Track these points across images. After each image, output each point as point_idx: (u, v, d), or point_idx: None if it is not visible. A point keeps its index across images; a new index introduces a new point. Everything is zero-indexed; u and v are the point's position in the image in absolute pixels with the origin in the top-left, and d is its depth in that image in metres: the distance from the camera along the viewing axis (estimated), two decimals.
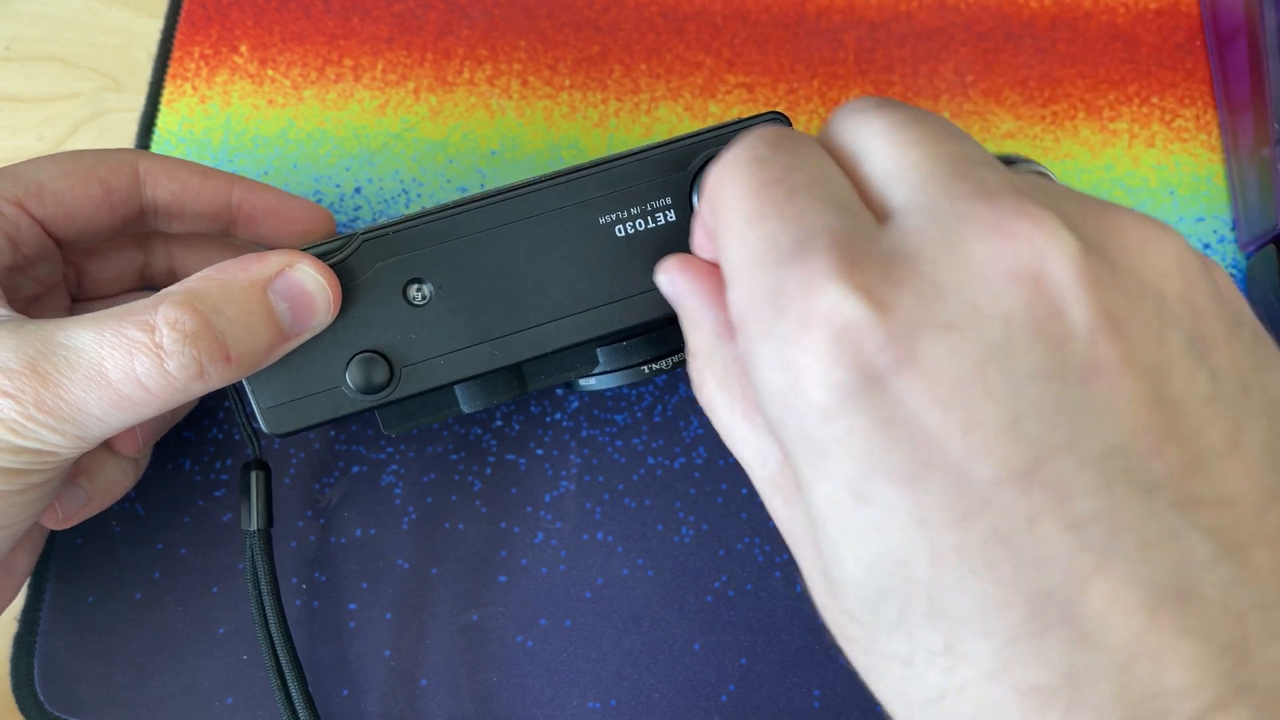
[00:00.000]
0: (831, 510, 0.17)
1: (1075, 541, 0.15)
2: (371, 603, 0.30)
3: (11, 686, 0.30)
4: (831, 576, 0.17)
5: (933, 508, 0.15)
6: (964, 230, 0.16)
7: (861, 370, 0.16)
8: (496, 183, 0.35)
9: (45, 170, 0.26)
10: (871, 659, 0.17)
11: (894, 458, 0.16)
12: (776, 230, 0.18)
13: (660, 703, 0.30)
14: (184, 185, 0.28)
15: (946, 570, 0.15)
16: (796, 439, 0.17)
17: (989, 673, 0.15)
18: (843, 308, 0.16)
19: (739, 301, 0.18)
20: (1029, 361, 0.15)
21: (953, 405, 0.15)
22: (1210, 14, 0.37)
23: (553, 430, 0.32)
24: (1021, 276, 0.16)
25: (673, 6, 0.38)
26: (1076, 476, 0.15)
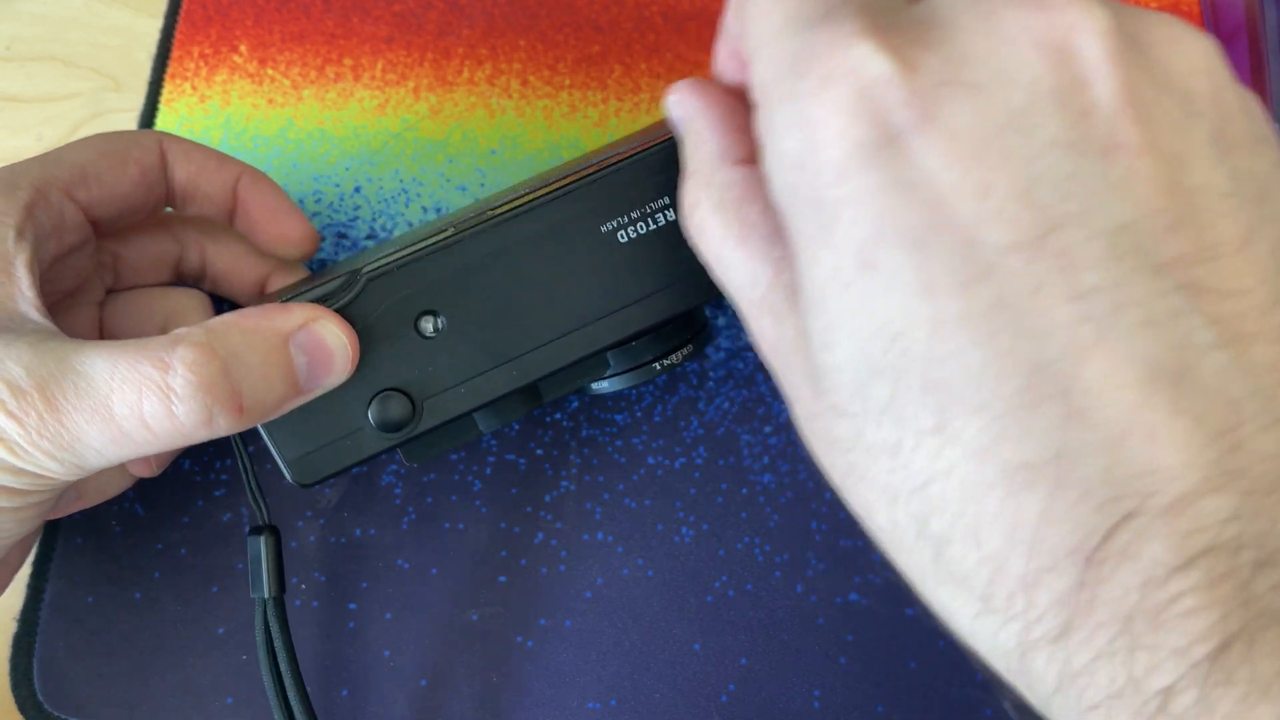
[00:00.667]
0: (834, 282, 0.16)
1: (1078, 312, 0.15)
2: (371, 603, 0.30)
3: (11, 686, 0.30)
4: (822, 366, 0.17)
5: (939, 272, 0.15)
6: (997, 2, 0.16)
7: (881, 127, 0.16)
8: (496, 182, 0.35)
9: (83, 154, 0.26)
10: (855, 457, 0.17)
11: (905, 219, 0.16)
12: (804, 4, 0.17)
13: (660, 703, 0.30)
14: (200, 167, 0.28)
15: (946, 340, 0.15)
16: (806, 205, 0.17)
17: (978, 450, 0.15)
18: (868, 63, 0.16)
19: (762, 71, 0.18)
20: (1049, 130, 0.15)
21: (969, 166, 0.15)
22: (1211, 14, 0.37)
23: (553, 430, 0.32)
24: (1050, 46, 0.16)
25: (673, 6, 0.38)
26: (1085, 248, 0.15)
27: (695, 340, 0.28)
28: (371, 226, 0.35)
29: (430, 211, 0.35)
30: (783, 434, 0.32)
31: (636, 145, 0.25)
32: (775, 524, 0.31)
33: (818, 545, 0.31)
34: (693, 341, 0.27)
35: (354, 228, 0.35)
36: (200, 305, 0.30)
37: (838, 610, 0.30)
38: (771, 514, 0.31)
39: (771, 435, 0.32)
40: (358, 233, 0.35)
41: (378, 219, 0.35)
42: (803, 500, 0.31)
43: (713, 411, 0.32)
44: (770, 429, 0.32)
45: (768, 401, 0.32)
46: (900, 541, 0.17)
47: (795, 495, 0.31)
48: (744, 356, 0.33)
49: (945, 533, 0.16)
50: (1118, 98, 0.15)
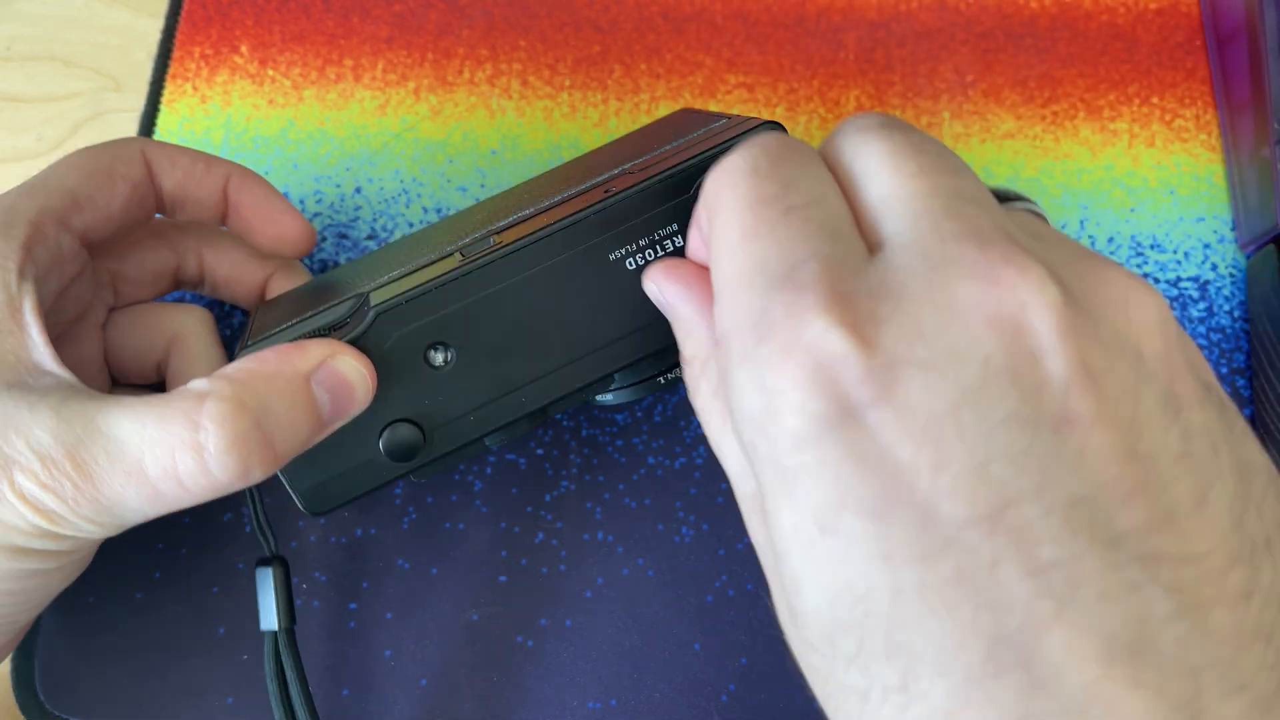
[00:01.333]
0: (795, 539, 0.17)
1: (1036, 587, 0.15)
2: (371, 603, 0.30)
3: (13, 686, 0.30)
4: (792, 606, 0.18)
5: (897, 543, 0.16)
6: (950, 272, 0.17)
7: (838, 402, 0.16)
8: (497, 182, 0.35)
9: (70, 177, 0.26)
10: (830, 689, 0.17)
11: (862, 490, 0.16)
12: (768, 251, 0.18)
13: (660, 703, 0.30)
14: (186, 173, 0.28)
15: (907, 607, 0.16)
16: (766, 464, 0.17)
17: (943, 712, 0.15)
18: (826, 340, 0.16)
19: (724, 318, 0.18)
20: (1003, 407, 0.16)
21: (925, 443, 0.16)
22: (1210, 14, 0.37)
23: (553, 430, 0.32)
24: (1002, 323, 0.16)
25: (673, 6, 0.38)
26: (1041, 523, 0.15)
27: None
28: (372, 227, 0.35)
29: (430, 212, 0.35)
30: None
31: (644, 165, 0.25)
32: None
33: None
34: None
35: (354, 228, 0.35)
36: (203, 324, 0.30)
37: None
38: None
39: None
40: (358, 233, 0.35)
41: (378, 219, 0.35)
42: None
43: None
44: None
45: None
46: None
47: None
48: None
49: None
50: (1069, 371, 0.16)
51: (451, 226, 0.30)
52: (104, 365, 0.29)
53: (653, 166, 0.24)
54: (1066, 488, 0.15)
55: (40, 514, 0.21)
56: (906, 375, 0.16)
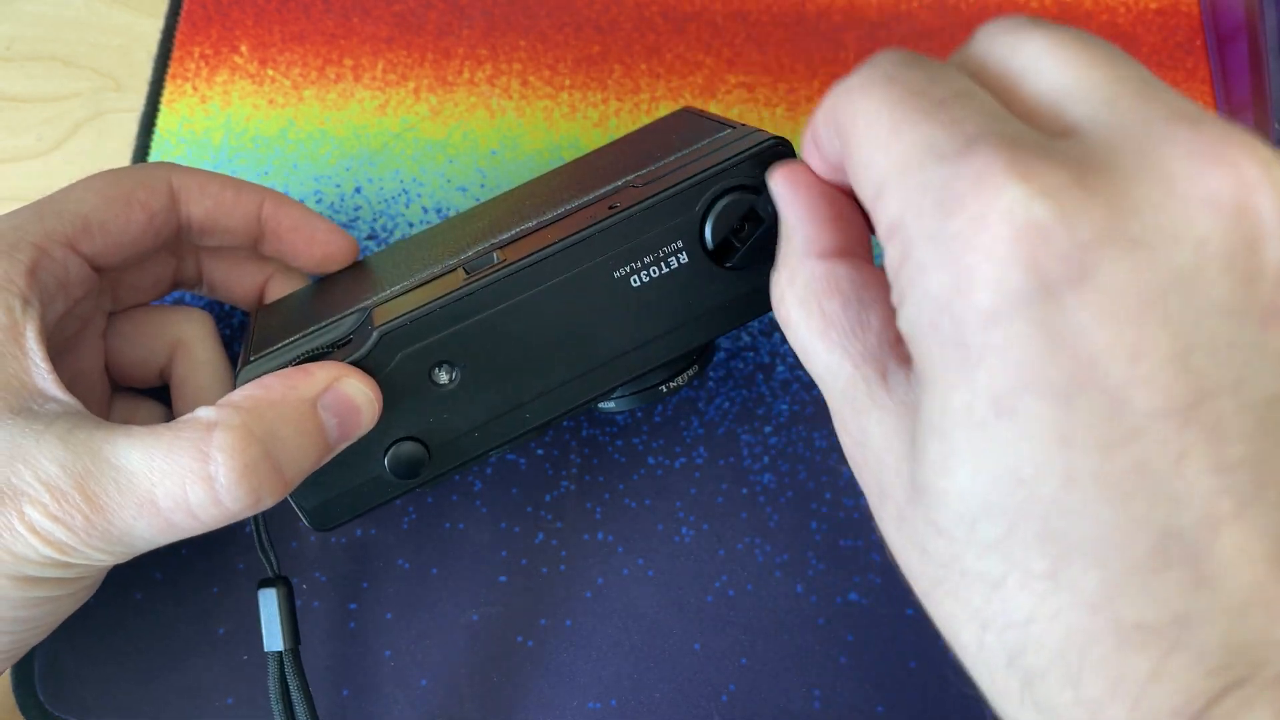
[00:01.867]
0: (964, 419, 0.16)
1: (1219, 485, 0.15)
2: (371, 603, 0.30)
3: (13, 687, 0.30)
4: (929, 485, 0.17)
5: (1080, 429, 0.15)
6: (1166, 150, 0.15)
7: (1038, 277, 0.15)
8: (497, 182, 0.35)
9: (87, 201, 0.26)
10: (947, 574, 0.17)
11: (1052, 372, 0.15)
12: (933, 134, 0.16)
13: (660, 703, 0.30)
14: (217, 201, 0.28)
15: (1077, 495, 0.15)
16: (946, 343, 0.16)
17: (1091, 603, 0.15)
18: (1026, 208, 0.15)
19: (894, 207, 0.17)
20: (1213, 293, 0.15)
21: (1125, 327, 0.15)
22: (1210, 14, 0.37)
23: (553, 430, 0.32)
24: (1224, 206, 0.15)
25: (673, 6, 0.38)
26: (1236, 419, 0.15)
27: (701, 361, 0.28)
28: (372, 227, 0.35)
29: (430, 212, 0.35)
30: (783, 434, 0.32)
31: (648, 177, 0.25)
32: (775, 524, 0.31)
33: (818, 545, 0.31)
34: (698, 362, 0.27)
35: (354, 228, 0.35)
36: (205, 329, 0.30)
37: (838, 610, 0.30)
38: (772, 514, 0.31)
39: (772, 435, 0.32)
40: (358, 233, 0.35)
41: (378, 219, 0.35)
42: (803, 500, 0.31)
43: (713, 411, 0.32)
44: (770, 429, 0.32)
45: (768, 401, 0.32)
46: (986, 663, 0.17)
47: (796, 495, 0.31)
48: (743, 356, 0.33)
49: (1041, 669, 0.16)
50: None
51: (453, 231, 0.29)
52: (105, 373, 0.29)
53: (657, 181, 0.24)
54: (1265, 384, 0.15)
55: (50, 545, 0.21)
56: (1114, 253, 0.15)
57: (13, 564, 0.21)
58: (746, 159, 0.24)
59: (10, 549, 0.21)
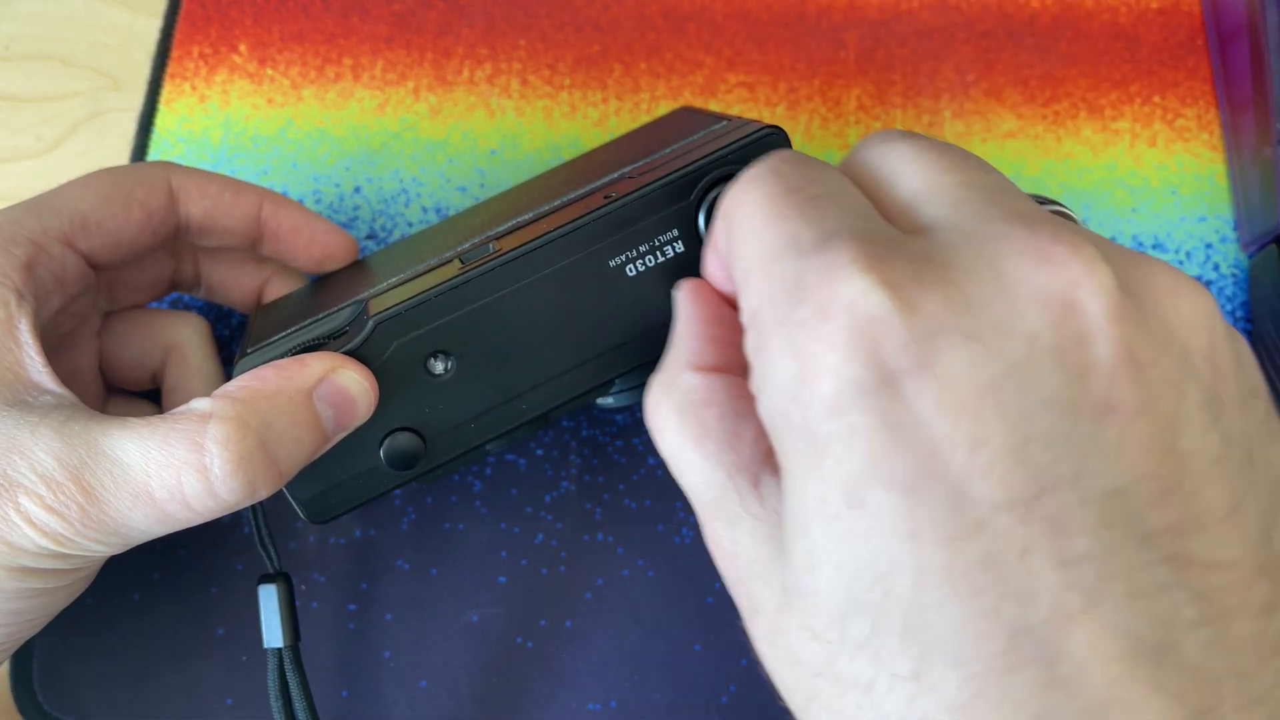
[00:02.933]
0: (819, 511, 0.16)
1: (1065, 579, 0.15)
2: (371, 603, 0.30)
3: (11, 687, 0.30)
4: (799, 587, 0.17)
5: (927, 522, 0.15)
6: (999, 248, 0.16)
7: (877, 368, 0.15)
8: (496, 182, 0.35)
9: (85, 199, 0.26)
10: (822, 684, 0.17)
11: (895, 463, 0.15)
12: (798, 229, 0.17)
13: (660, 704, 0.30)
14: (215, 201, 0.28)
15: (929, 591, 0.15)
16: (796, 433, 0.16)
17: (953, 706, 0.15)
18: (866, 299, 0.15)
19: (753, 297, 0.18)
20: (1046, 387, 0.15)
21: (964, 418, 0.15)
22: (1212, 13, 0.37)
23: (553, 431, 0.32)
24: (1052, 301, 0.15)
25: (673, 5, 0.38)
26: (1077, 513, 0.15)
27: None
28: (371, 226, 0.35)
29: (430, 211, 0.35)
30: None
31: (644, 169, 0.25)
32: None
33: None
34: None
35: (353, 228, 0.35)
36: (200, 335, 0.30)
37: None
38: None
39: None
40: (357, 233, 0.35)
41: (377, 219, 0.35)
42: None
43: None
44: None
45: None
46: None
47: None
48: None
49: None
50: (1116, 357, 0.15)
51: (451, 229, 0.29)
52: (99, 373, 0.29)
53: (652, 171, 0.24)
54: (1104, 478, 0.15)
55: (46, 536, 0.21)
56: (949, 344, 0.15)
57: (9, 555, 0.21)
58: (742, 147, 0.24)
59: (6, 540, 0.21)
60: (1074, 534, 0.15)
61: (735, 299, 0.21)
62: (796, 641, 0.17)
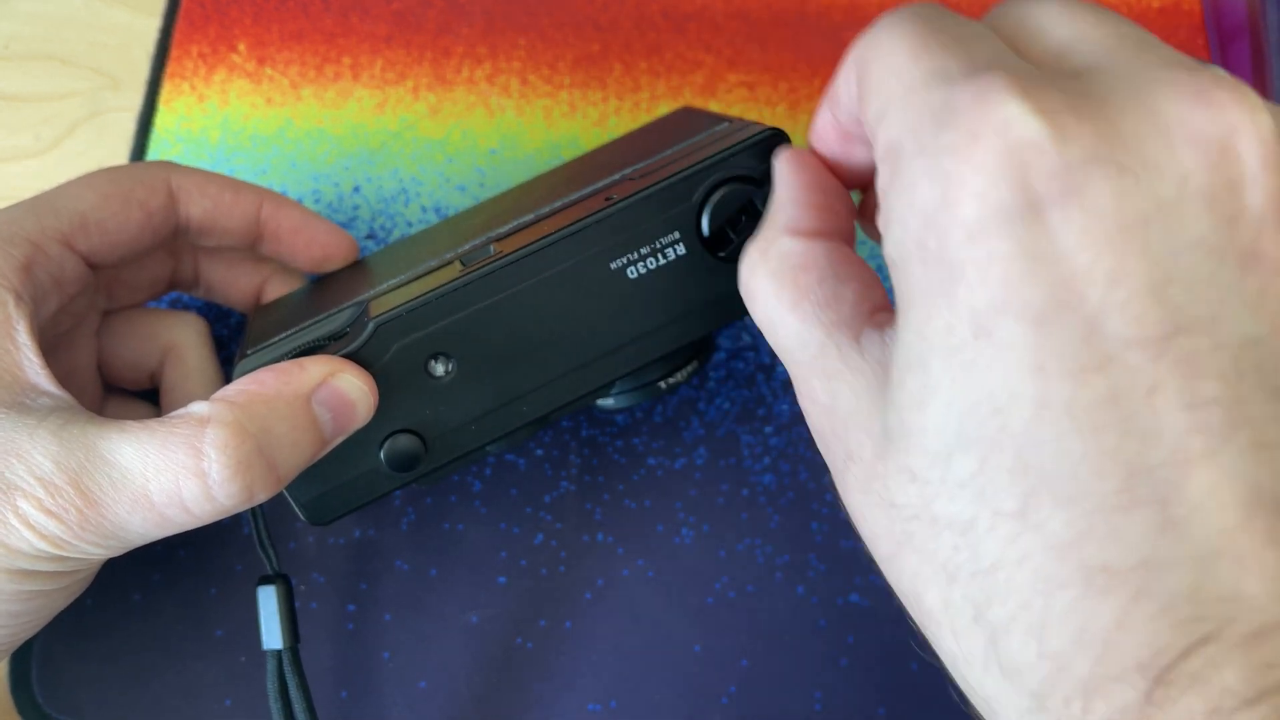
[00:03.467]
0: (943, 342, 0.16)
1: (1191, 422, 0.14)
2: (370, 604, 0.30)
3: (10, 688, 0.30)
4: (904, 425, 0.17)
5: (1054, 354, 0.15)
6: (1157, 90, 0.16)
7: (1024, 193, 0.15)
8: (496, 181, 0.35)
9: (84, 199, 0.25)
10: (916, 527, 0.17)
11: (1031, 292, 0.15)
12: (946, 62, 0.17)
13: (660, 704, 0.29)
14: (215, 202, 0.28)
15: (1049, 424, 0.15)
16: (928, 261, 0.16)
17: (1059, 544, 0.15)
18: (1019, 124, 0.15)
19: (894, 127, 0.17)
20: (1194, 228, 0.15)
21: (1106, 251, 0.15)
22: (1213, 13, 0.37)
23: (552, 431, 0.32)
24: (1209, 143, 0.15)
25: (673, 5, 0.38)
26: (1210, 357, 0.15)
27: (700, 357, 0.27)
28: (371, 226, 0.35)
29: (429, 211, 0.35)
30: (784, 434, 0.32)
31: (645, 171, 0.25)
32: (776, 525, 0.31)
33: (819, 546, 0.31)
34: (697, 359, 0.27)
35: (353, 227, 0.35)
36: (199, 335, 0.30)
37: (839, 612, 0.30)
38: (772, 515, 0.31)
39: (772, 435, 0.32)
40: (357, 232, 0.35)
41: (377, 219, 0.35)
42: (804, 501, 0.31)
43: (713, 412, 0.32)
44: (771, 429, 0.32)
45: (768, 402, 0.32)
46: (950, 623, 0.17)
47: (796, 496, 0.31)
48: (744, 356, 0.33)
49: (1006, 622, 0.15)
50: (1267, 207, 0.15)
51: (451, 229, 0.29)
52: (97, 373, 0.29)
53: (654, 173, 0.24)
54: (1241, 325, 0.15)
55: (44, 539, 0.21)
56: (1099, 175, 0.15)
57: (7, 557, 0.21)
58: (743, 150, 0.24)
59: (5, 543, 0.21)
60: (1204, 377, 0.15)
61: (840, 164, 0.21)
62: (894, 485, 0.17)
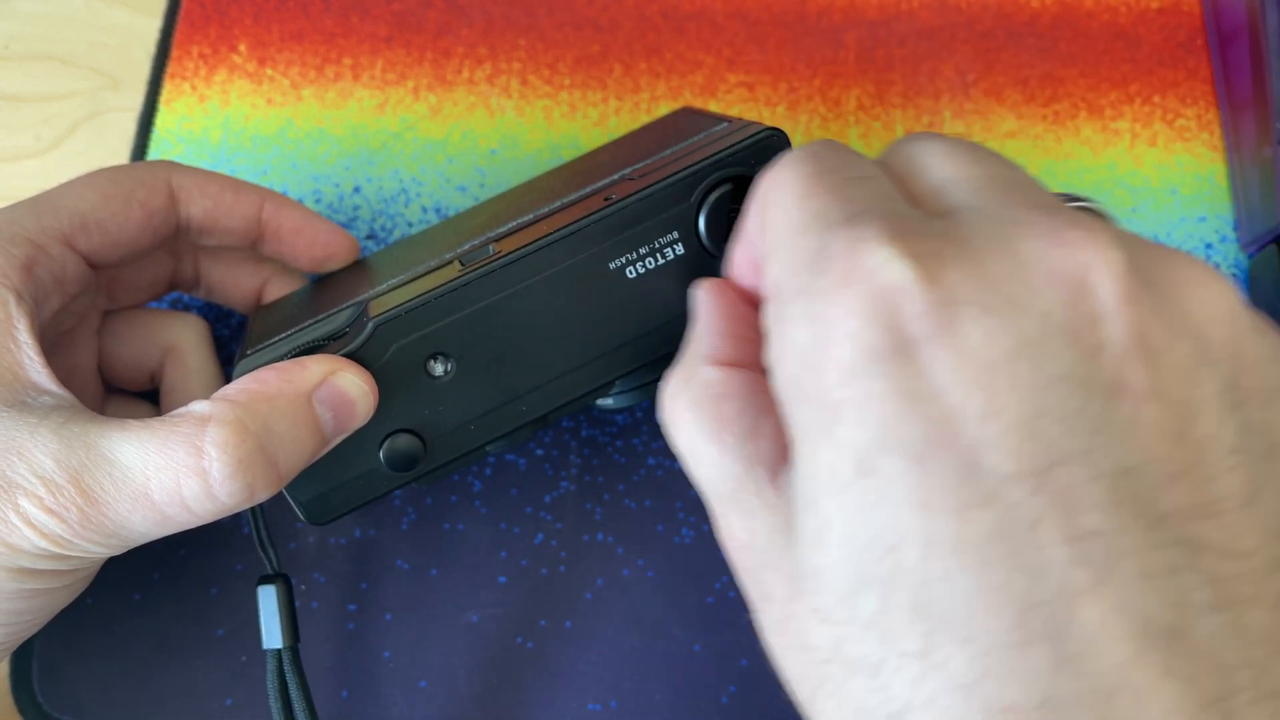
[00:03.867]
0: (830, 481, 0.16)
1: (1075, 555, 0.15)
2: (370, 604, 0.30)
3: (11, 688, 0.30)
4: (809, 566, 0.17)
5: (937, 491, 0.15)
6: (1017, 231, 0.16)
7: (894, 334, 0.16)
8: (496, 182, 0.35)
9: (85, 199, 0.26)
10: (830, 670, 0.17)
11: (908, 430, 0.15)
12: (828, 206, 0.18)
13: (660, 704, 0.29)
14: (216, 201, 0.28)
15: (938, 561, 0.15)
16: (810, 401, 0.17)
17: (962, 685, 0.15)
18: (889, 269, 0.16)
19: (777, 268, 0.18)
20: (1059, 363, 0.15)
21: (977, 388, 0.15)
22: (1212, 13, 0.37)
23: (552, 431, 0.32)
24: (1065, 280, 0.16)
25: (673, 5, 0.38)
26: (1087, 489, 0.15)
27: None
28: (371, 226, 0.35)
29: (429, 211, 0.35)
30: None
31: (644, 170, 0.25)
32: None
33: None
34: None
35: (353, 228, 0.35)
36: (200, 336, 0.30)
37: None
38: None
39: None
40: (357, 233, 0.35)
41: (377, 219, 0.35)
42: None
43: None
44: None
45: None
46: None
47: None
48: None
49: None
50: (1128, 339, 0.16)
51: (451, 230, 0.29)
52: (98, 373, 0.29)
53: (653, 173, 0.24)
54: (1115, 456, 0.15)
55: (45, 537, 0.21)
56: (967, 315, 0.16)
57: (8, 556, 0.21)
58: (742, 150, 0.24)
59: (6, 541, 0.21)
60: (1084, 509, 0.15)
61: (757, 296, 0.21)
62: (806, 626, 0.17)
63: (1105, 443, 0.15)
